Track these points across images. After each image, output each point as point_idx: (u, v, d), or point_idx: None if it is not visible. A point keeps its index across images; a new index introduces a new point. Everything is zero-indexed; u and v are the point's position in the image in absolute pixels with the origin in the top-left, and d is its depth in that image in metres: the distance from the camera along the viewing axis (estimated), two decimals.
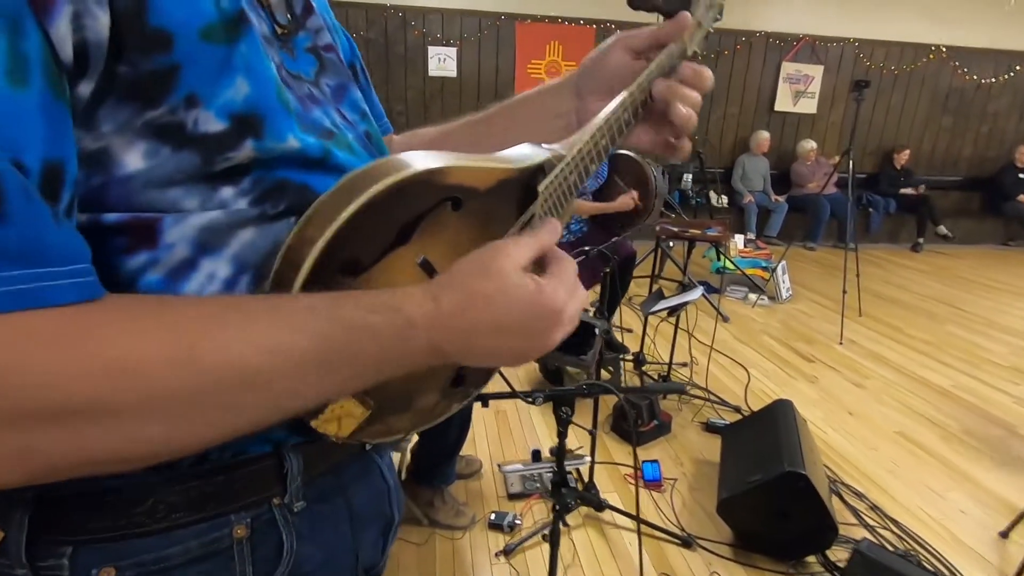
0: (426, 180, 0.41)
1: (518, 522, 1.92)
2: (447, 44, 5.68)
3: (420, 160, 0.41)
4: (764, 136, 6.08)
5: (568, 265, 0.44)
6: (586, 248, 1.78)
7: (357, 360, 0.36)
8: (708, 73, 0.56)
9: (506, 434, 2.47)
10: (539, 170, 0.50)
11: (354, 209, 0.37)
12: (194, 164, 0.37)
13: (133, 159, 0.35)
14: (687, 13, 0.55)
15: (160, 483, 0.41)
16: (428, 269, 0.44)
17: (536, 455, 1.96)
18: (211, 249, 0.39)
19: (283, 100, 0.41)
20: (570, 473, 1.34)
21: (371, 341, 0.36)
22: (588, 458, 2.00)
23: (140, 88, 0.34)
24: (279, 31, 0.45)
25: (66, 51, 0.30)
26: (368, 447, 0.55)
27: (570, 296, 0.42)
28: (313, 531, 0.48)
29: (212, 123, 0.36)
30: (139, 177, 0.35)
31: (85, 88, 0.32)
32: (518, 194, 0.49)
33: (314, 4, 0.51)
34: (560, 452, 1.27)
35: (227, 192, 0.39)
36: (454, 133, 0.67)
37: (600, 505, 1.52)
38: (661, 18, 0.60)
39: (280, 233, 0.40)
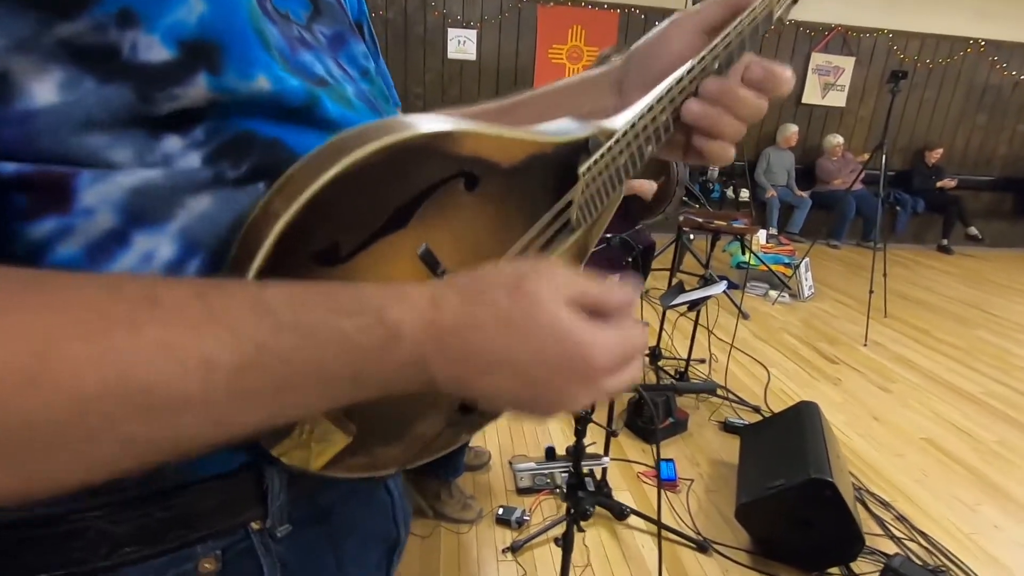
0: (434, 147, 0.32)
1: (527, 518, 1.85)
2: (467, 26, 5.57)
3: (428, 122, 0.31)
4: (792, 129, 5.89)
5: (637, 329, 0.33)
6: (607, 235, 1.69)
7: (317, 379, 0.27)
8: (783, 73, 0.44)
9: (517, 427, 2.39)
10: (582, 148, 0.39)
11: (333, 175, 0.28)
12: (126, 101, 0.27)
13: (43, 90, 0.26)
14: None
15: (100, 510, 0.32)
16: (431, 263, 0.34)
17: (551, 453, 1.89)
18: (149, 220, 0.29)
19: (258, 28, 0.32)
20: (588, 475, 1.26)
21: (340, 353, 0.27)
22: (607, 459, 1.92)
23: None
24: None
25: None
26: None
27: (616, 363, 0.31)
28: (302, 560, 0.40)
29: (155, 50, 0.28)
30: (49, 114, 0.26)
31: None
32: (553, 176, 0.39)
33: None
34: (578, 452, 1.19)
35: (172, 143, 0.29)
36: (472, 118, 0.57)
37: (622, 513, 1.42)
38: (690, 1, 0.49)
39: (245, 205, 0.31)
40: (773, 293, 4.14)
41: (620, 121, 0.42)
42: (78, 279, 0.26)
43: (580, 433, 1.17)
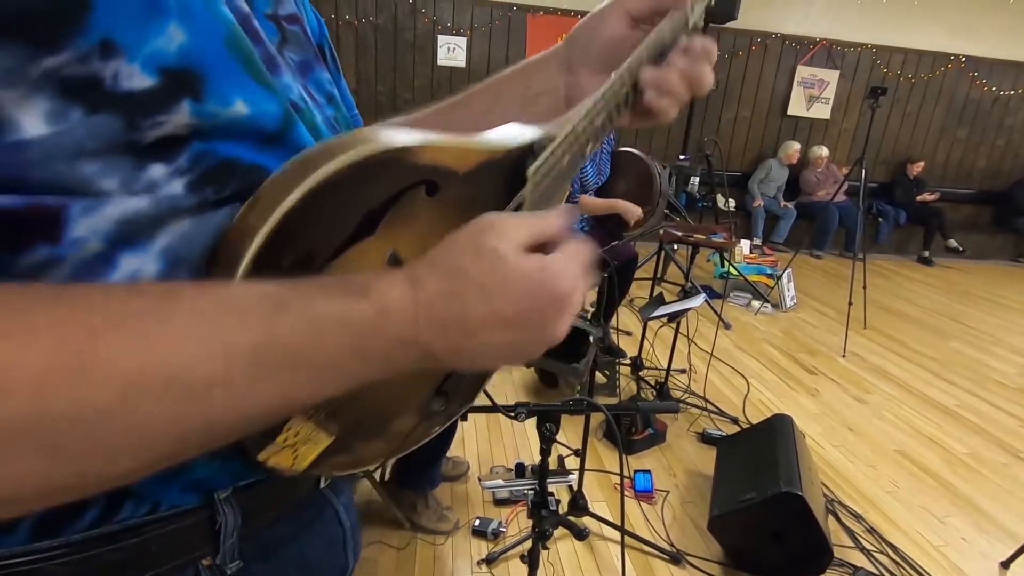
0: (395, 158, 0.34)
1: (503, 530, 1.86)
2: (457, 33, 5.60)
3: (388, 135, 0.34)
4: (795, 147, 5.95)
5: (582, 248, 0.36)
6: None
7: (322, 356, 0.29)
8: (709, 44, 0.49)
9: (496, 436, 2.41)
10: (528, 151, 0.42)
11: (305, 190, 0.30)
12: (114, 129, 0.28)
13: (30, 122, 0.26)
14: None
15: (50, 552, 0.32)
16: (397, 266, 0.37)
17: (520, 469, 1.90)
18: (135, 242, 0.30)
19: (239, 52, 0.33)
20: (552, 494, 1.27)
21: (338, 331, 0.29)
22: (573, 476, 1.94)
23: (32, 22, 0.26)
24: None
25: None
26: (323, 484, 0.47)
27: (576, 278, 0.35)
28: None
29: (137, 79, 0.29)
30: (38, 145, 0.27)
31: None
32: (504, 179, 0.42)
33: None
34: (542, 472, 1.20)
35: (157, 171, 0.30)
36: (425, 121, 0.58)
37: (581, 534, 1.45)
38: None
39: (224, 222, 0.33)
40: (755, 303, 4.19)
41: (561, 124, 0.45)
42: (101, 285, 0.29)
43: (545, 453, 1.18)
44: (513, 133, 0.42)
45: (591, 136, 0.46)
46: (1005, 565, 1.87)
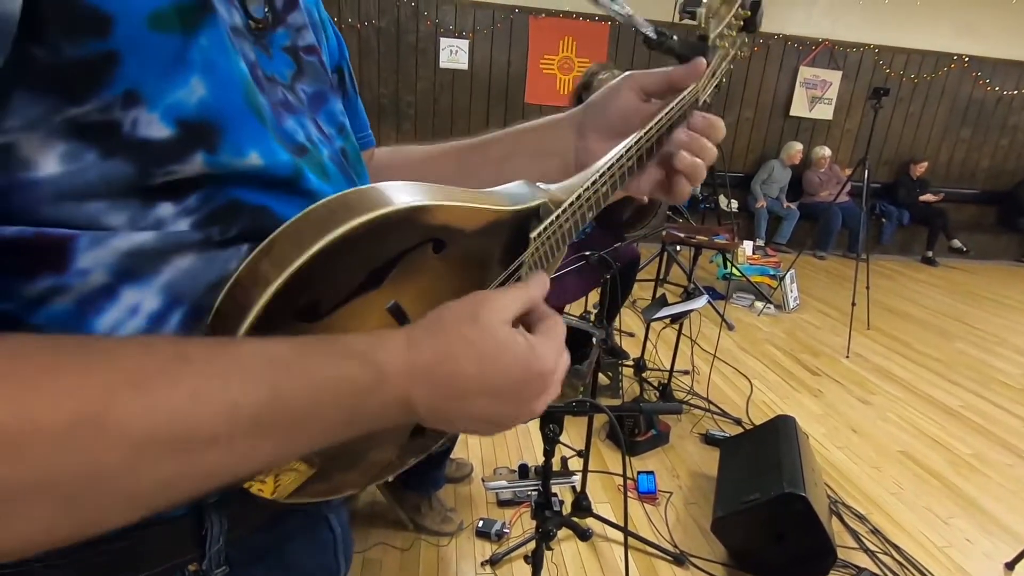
0: (410, 218, 0.35)
1: (506, 531, 1.87)
2: (459, 36, 5.61)
3: (405, 194, 0.34)
4: (797, 147, 5.96)
5: (557, 324, 0.39)
6: (587, 252, 1.72)
7: (320, 417, 0.30)
8: (720, 123, 0.54)
9: (499, 437, 2.41)
10: (533, 215, 0.44)
11: (321, 246, 0.31)
12: (125, 175, 0.29)
13: (47, 162, 0.27)
14: (702, 59, 0.53)
15: (36, 557, 0.32)
16: (399, 316, 0.38)
17: (524, 470, 1.91)
18: (136, 276, 0.31)
19: (253, 106, 0.34)
20: (555, 495, 1.28)
21: (339, 396, 0.31)
22: (576, 477, 1.95)
23: (62, 79, 0.27)
24: (253, 26, 0.38)
25: None
26: None
27: (559, 358, 0.38)
28: None
29: (155, 128, 0.29)
30: (50, 184, 0.28)
31: None
32: (507, 239, 0.43)
33: (301, 1, 0.44)
34: (546, 473, 1.21)
35: (165, 210, 0.31)
36: (442, 158, 0.60)
37: (585, 535, 1.46)
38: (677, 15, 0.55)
39: (228, 263, 0.34)
40: (759, 304, 4.18)
41: (567, 190, 0.46)
42: (114, 341, 0.29)
43: (548, 454, 1.19)
44: (521, 192, 0.44)
45: (593, 204, 0.48)
46: (1010, 566, 1.87)
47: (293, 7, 0.42)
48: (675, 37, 0.53)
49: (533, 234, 0.44)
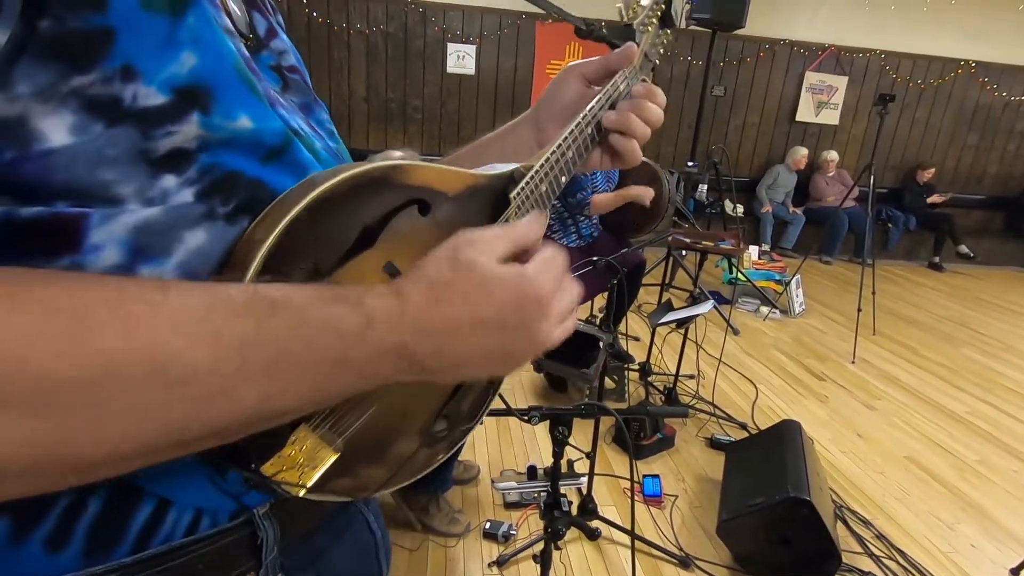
0: (388, 176, 0.38)
1: (513, 532, 1.89)
2: (466, 41, 5.65)
3: (384, 159, 0.39)
4: (802, 152, 5.98)
5: (556, 254, 0.39)
6: (594, 258, 1.75)
7: (309, 359, 0.31)
8: (658, 89, 0.60)
9: (506, 440, 2.43)
10: (509, 179, 0.49)
11: (306, 203, 0.34)
12: (131, 138, 0.31)
13: (57, 132, 0.29)
14: (632, 44, 0.60)
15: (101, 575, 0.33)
16: (395, 276, 0.40)
17: (532, 472, 1.93)
18: (152, 254, 0.32)
19: (244, 77, 0.36)
20: (564, 496, 1.30)
21: (327, 336, 0.31)
22: (583, 480, 1.97)
23: (66, 47, 0.29)
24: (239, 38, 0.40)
25: None
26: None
27: (558, 285, 0.37)
28: None
29: (152, 97, 0.32)
30: (63, 153, 0.29)
31: None
32: (490, 203, 0.48)
33: (279, 31, 0.47)
34: (555, 473, 1.23)
35: (169, 181, 0.33)
36: None
37: (593, 535, 1.48)
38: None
39: (234, 238, 0.36)
40: (764, 309, 4.19)
41: (537, 158, 0.52)
42: (98, 275, 0.30)
43: (557, 455, 1.21)
44: (494, 166, 0.49)
45: (564, 168, 0.54)
46: (1015, 572, 1.87)
47: (274, 35, 0.46)
48: (604, 28, 0.61)
49: (512, 193, 0.48)
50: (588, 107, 0.56)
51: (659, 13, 0.64)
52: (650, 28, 0.65)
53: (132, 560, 0.34)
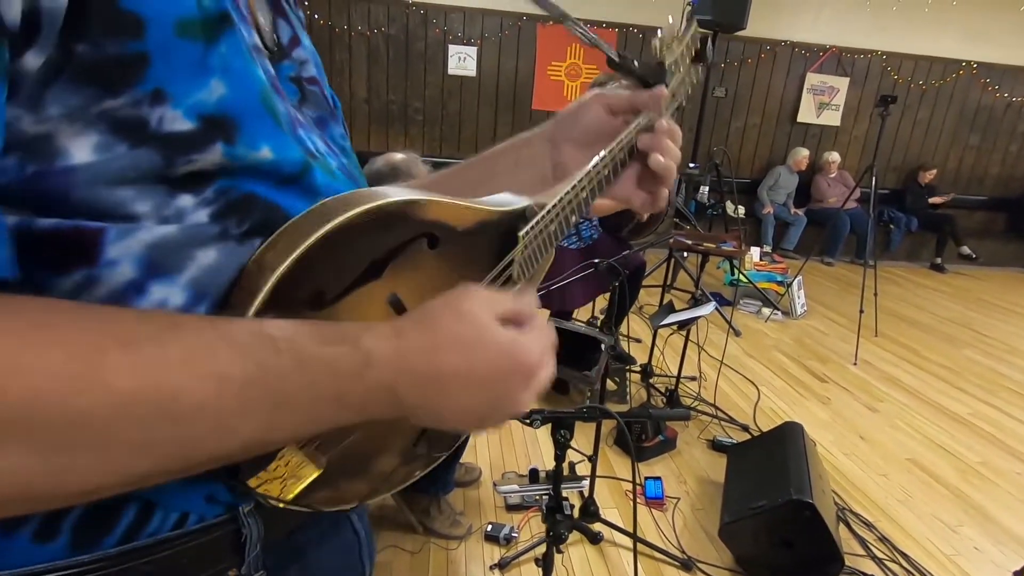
0: (403, 212, 0.38)
1: (515, 535, 1.88)
2: (467, 43, 5.66)
3: (399, 192, 0.38)
4: (804, 153, 5.98)
5: (547, 327, 0.40)
6: (595, 260, 1.75)
7: (308, 398, 0.32)
8: (677, 128, 0.58)
9: (508, 443, 2.43)
10: (520, 216, 0.48)
11: (321, 235, 0.34)
12: (153, 163, 0.32)
13: (81, 151, 0.30)
14: (663, 87, 0.58)
15: (85, 566, 0.34)
16: (398, 307, 0.40)
17: (534, 475, 1.94)
18: (164, 271, 0.33)
19: (269, 107, 0.37)
20: (566, 499, 1.30)
21: (326, 377, 0.32)
22: (586, 481, 1.97)
23: (101, 72, 0.29)
24: (267, 53, 0.41)
25: (11, 12, 0.26)
26: None
27: (544, 357, 0.38)
28: None
29: (179, 123, 0.32)
30: (85, 171, 0.30)
31: (33, 60, 0.28)
32: (497, 239, 0.47)
33: (301, 38, 0.48)
34: (556, 477, 1.23)
35: (186, 200, 0.33)
36: (431, 185, 0.65)
37: (595, 538, 1.48)
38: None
39: (245, 258, 0.36)
40: (766, 310, 4.19)
41: (551, 195, 0.51)
42: (110, 308, 0.31)
43: (559, 458, 1.21)
44: (507, 199, 0.48)
45: (576, 208, 0.53)
46: (1019, 575, 1.87)
47: (297, 44, 0.47)
48: (636, 62, 0.59)
49: (521, 232, 0.48)
50: (606, 149, 0.55)
51: (694, 52, 0.62)
52: (682, 68, 0.62)
53: (117, 552, 0.35)
